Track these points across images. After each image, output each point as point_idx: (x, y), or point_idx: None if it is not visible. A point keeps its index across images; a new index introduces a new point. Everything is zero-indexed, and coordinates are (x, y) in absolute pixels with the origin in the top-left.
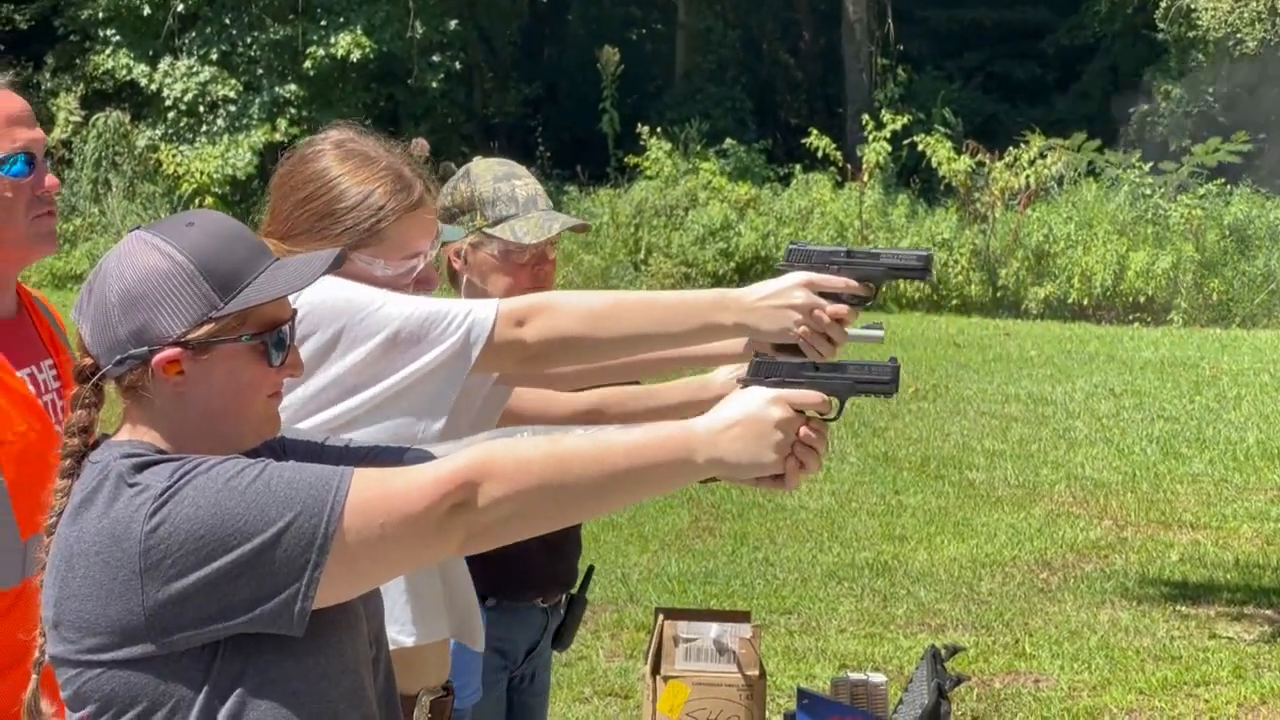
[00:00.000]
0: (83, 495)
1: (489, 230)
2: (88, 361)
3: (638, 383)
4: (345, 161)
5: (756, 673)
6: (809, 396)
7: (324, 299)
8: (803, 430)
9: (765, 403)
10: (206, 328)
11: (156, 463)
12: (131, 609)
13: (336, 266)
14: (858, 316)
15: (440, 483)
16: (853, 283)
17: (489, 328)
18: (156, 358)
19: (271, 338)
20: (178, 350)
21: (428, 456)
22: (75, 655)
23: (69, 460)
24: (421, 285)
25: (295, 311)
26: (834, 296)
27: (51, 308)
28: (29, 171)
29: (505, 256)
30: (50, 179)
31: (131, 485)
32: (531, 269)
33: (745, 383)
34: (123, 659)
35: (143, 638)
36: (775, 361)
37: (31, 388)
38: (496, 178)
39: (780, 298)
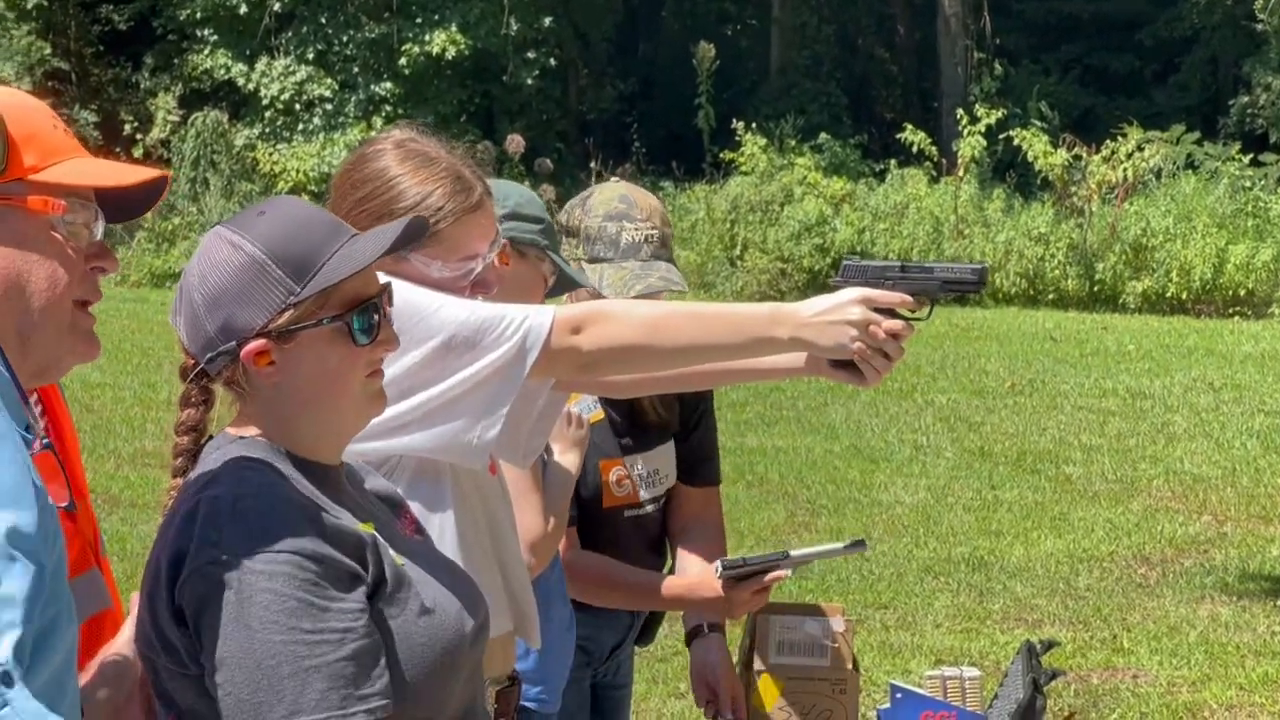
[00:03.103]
0: (184, 511)
1: (585, 264)
2: (189, 362)
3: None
4: (405, 161)
5: (850, 667)
6: (892, 296)
7: None
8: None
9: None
10: (287, 315)
11: (239, 510)
12: (190, 642)
13: (414, 235)
14: (913, 332)
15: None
16: (908, 298)
17: (545, 334)
18: (244, 351)
19: (355, 317)
20: (263, 341)
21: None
22: (153, 658)
23: (180, 459)
24: (478, 288)
25: (388, 285)
26: (889, 312)
27: None
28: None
29: (596, 291)
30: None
31: (204, 538)
32: None
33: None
34: (189, 672)
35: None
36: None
37: None
38: (608, 215)
39: (836, 313)
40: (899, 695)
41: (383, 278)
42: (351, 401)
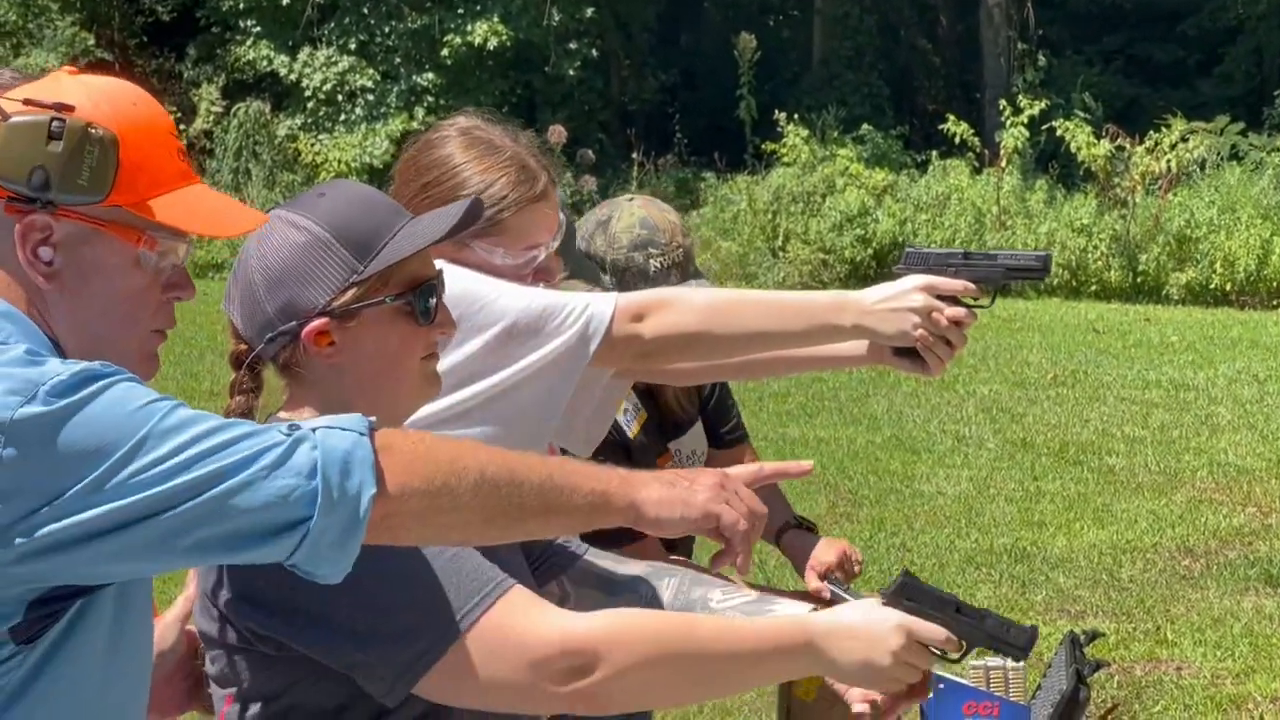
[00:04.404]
0: None
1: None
2: (242, 348)
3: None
4: (470, 149)
5: None
6: (955, 284)
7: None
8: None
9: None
10: (350, 293)
11: None
12: (270, 613)
13: (473, 217)
14: (975, 319)
15: (567, 640)
16: (970, 285)
17: (607, 322)
18: (305, 330)
19: (417, 296)
20: (325, 320)
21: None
22: (217, 635)
23: None
24: (540, 276)
25: (440, 271)
26: (952, 299)
27: None
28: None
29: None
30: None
31: None
32: None
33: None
34: (255, 649)
35: (270, 641)
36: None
37: None
38: (633, 245)
39: (898, 300)
40: (941, 685)
41: (439, 265)
42: (409, 383)
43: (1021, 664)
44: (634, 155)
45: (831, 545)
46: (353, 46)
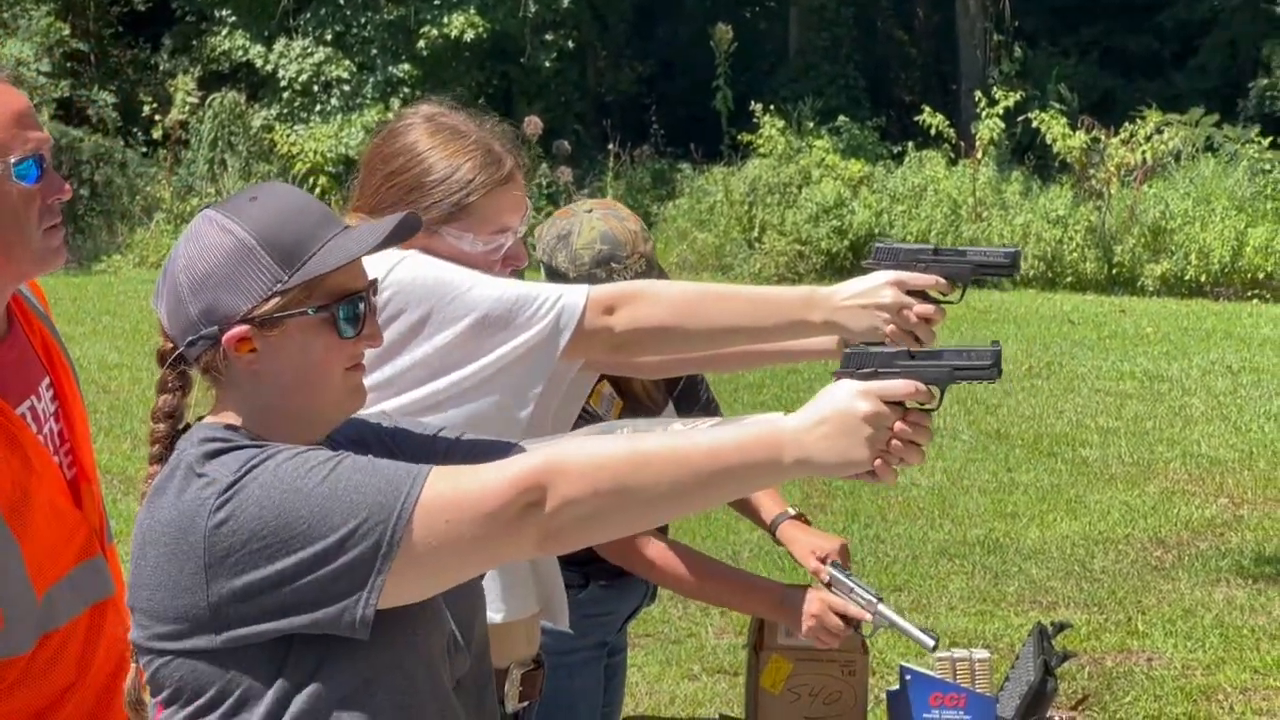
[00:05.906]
0: (158, 482)
1: None
2: (168, 346)
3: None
4: (435, 135)
5: (859, 649)
6: (900, 386)
7: (414, 278)
8: (898, 425)
9: (852, 397)
10: (273, 302)
11: (228, 451)
12: (196, 601)
13: (406, 231)
14: (944, 315)
15: (512, 482)
16: (940, 280)
17: (578, 314)
18: (226, 336)
19: (341, 308)
20: (246, 328)
21: None
22: (147, 641)
23: (156, 446)
24: (510, 262)
25: (374, 281)
26: (921, 294)
27: (39, 294)
28: (41, 176)
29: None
30: (66, 187)
31: (200, 476)
32: None
33: (838, 375)
34: (189, 649)
35: (207, 629)
36: (867, 351)
37: (32, 424)
38: (596, 261)
39: (868, 296)
40: (908, 677)
41: (392, 259)
42: (331, 394)
43: (987, 656)
44: (610, 146)
45: (831, 538)
46: (329, 37)
